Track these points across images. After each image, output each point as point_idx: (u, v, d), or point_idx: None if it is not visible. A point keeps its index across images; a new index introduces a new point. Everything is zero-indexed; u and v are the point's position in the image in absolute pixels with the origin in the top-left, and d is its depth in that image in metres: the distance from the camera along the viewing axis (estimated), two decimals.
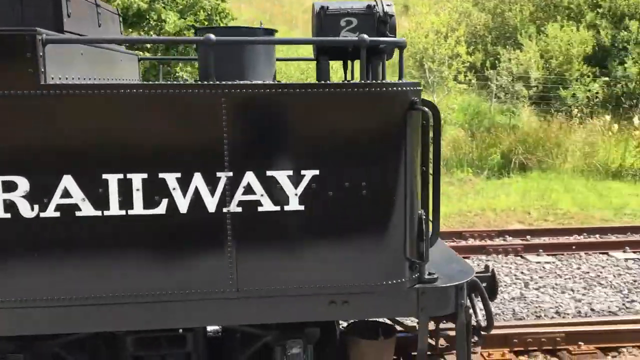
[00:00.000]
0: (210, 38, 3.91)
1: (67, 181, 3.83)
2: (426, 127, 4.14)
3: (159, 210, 3.91)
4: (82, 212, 3.87)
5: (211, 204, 3.93)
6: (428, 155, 4.19)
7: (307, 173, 3.95)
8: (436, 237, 4.27)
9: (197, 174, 3.90)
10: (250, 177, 3.93)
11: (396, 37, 4.73)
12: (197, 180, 3.91)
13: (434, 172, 4.24)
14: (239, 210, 3.95)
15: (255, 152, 3.94)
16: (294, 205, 3.97)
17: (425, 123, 4.15)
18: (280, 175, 3.95)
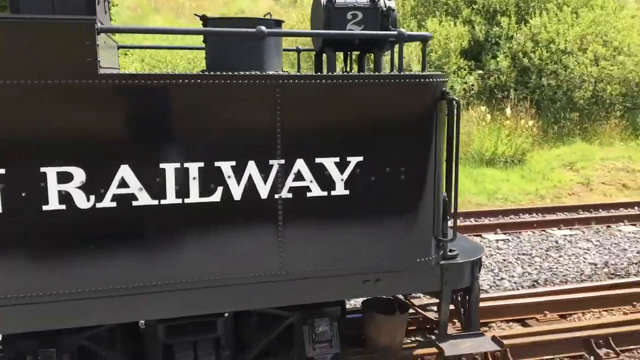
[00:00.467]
0: (262, 30, 4.06)
1: (124, 171, 3.86)
2: (452, 115, 4.51)
3: (214, 198, 4.02)
4: (138, 201, 3.90)
5: (264, 190, 4.10)
6: (453, 141, 4.55)
7: (352, 159, 4.22)
8: (456, 218, 4.66)
9: (251, 162, 4.05)
10: (300, 164, 4.13)
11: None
12: (251, 168, 4.06)
13: (455, 157, 4.62)
14: (290, 196, 4.14)
15: (305, 140, 4.15)
16: (339, 190, 4.22)
17: (450, 112, 4.52)
18: (328, 162, 4.18)
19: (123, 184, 3.86)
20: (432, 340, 4.93)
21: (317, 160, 4.16)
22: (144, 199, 3.91)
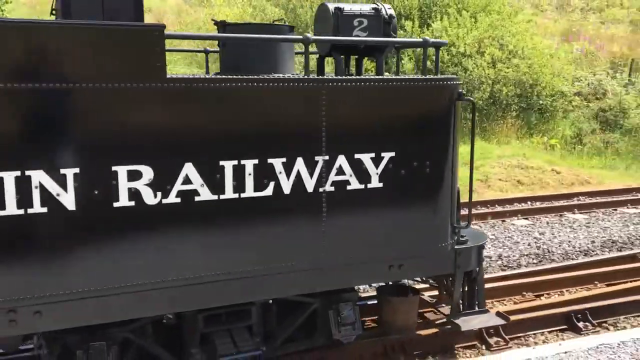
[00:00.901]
0: (309, 37, 4.41)
1: (188, 168, 4.09)
2: (472, 114, 5.03)
3: (267, 192, 4.33)
4: (200, 197, 4.14)
5: (310, 184, 4.44)
6: (474, 136, 5.08)
7: (386, 155, 4.64)
8: (471, 207, 5.16)
9: (299, 159, 4.39)
10: (341, 160, 4.51)
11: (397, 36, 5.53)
12: (299, 164, 4.39)
13: (471, 151, 5.12)
14: (332, 189, 4.51)
15: (346, 137, 4.53)
16: (375, 183, 4.63)
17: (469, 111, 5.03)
18: (365, 157, 4.58)
19: (187, 180, 4.09)
20: (447, 317, 5.40)
21: (356, 156, 4.55)
22: (205, 194, 4.15)
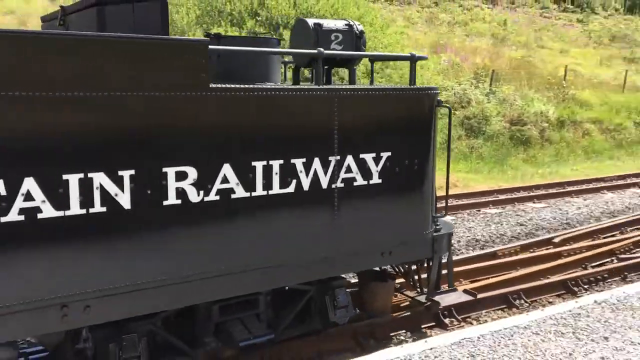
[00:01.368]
0: (322, 51, 4.93)
1: (226, 169, 4.48)
2: (449, 117, 5.75)
3: (290, 189, 4.80)
4: (235, 194, 4.54)
5: (324, 181, 4.95)
6: (450, 137, 5.78)
7: (384, 154, 5.24)
8: (447, 199, 5.88)
9: (316, 159, 4.89)
10: (349, 159, 5.06)
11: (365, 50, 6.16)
12: (316, 163, 4.90)
13: (447, 150, 5.85)
14: (342, 185, 5.05)
15: (352, 139, 5.08)
16: (375, 179, 5.22)
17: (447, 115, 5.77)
18: (368, 157, 5.16)
19: (225, 180, 4.47)
20: (426, 295, 6.06)
21: (361, 155, 5.12)
22: (239, 192, 4.55)
